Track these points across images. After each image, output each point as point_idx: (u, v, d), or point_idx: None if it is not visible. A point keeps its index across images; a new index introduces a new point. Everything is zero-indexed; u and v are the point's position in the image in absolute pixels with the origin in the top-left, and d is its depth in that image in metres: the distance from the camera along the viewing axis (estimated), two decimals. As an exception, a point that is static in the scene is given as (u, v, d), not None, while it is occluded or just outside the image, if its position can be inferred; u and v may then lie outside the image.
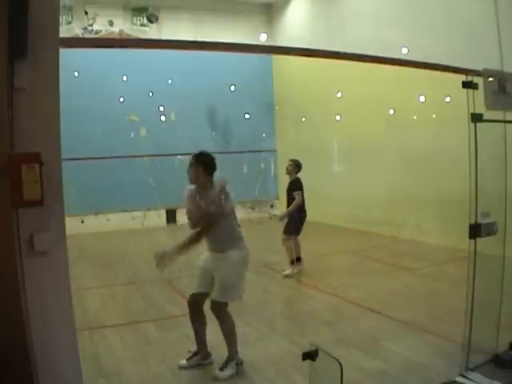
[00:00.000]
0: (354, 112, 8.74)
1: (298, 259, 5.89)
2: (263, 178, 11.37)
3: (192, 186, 3.48)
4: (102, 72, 9.84)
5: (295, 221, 5.78)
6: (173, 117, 10.84)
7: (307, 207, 5.95)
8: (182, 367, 3.41)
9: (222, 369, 3.29)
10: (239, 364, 3.35)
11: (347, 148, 9.33)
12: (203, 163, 3.37)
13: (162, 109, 10.56)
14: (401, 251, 7.15)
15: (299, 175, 5.93)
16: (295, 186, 5.83)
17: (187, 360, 3.44)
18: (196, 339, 3.45)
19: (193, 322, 3.44)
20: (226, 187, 3.31)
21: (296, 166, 5.90)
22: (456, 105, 3.54)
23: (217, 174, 3.43)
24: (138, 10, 11.21)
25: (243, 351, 3.67)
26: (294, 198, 5.76)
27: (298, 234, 5.87)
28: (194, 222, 3.40)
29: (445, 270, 5.74)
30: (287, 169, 5.93)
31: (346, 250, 7.39)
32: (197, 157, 3.42)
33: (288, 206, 5.86)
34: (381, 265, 6.44)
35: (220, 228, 3.29)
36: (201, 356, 3.48)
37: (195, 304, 3.40)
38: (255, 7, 12.09)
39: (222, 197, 3.27)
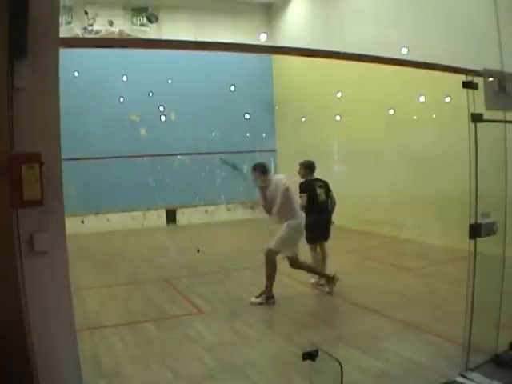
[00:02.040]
0: (353, 112, 8.74)
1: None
2: (263, 178, 11.36)
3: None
4: (102, 72, 9.84)
5: (308, 226, 5.14)
6: (173, 117, 10.85)
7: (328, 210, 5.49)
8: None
9: (256, 297, 4.80)
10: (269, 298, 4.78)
11: (347, 148, 9.34)
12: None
13: (161, 109, 10.58)
14: (401, 251, 7.15)
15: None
16: (300, 188, 5.40)
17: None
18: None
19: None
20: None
21: (303, 167, 5.60)
22: (456, 105, 3.54)
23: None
24: (138, 10, 11.22)
25: (243, 351, 3.68)
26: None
27: (314, 242, 5.39)
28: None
29: (445, 270, 5.74)
30: (298, 172, 5.63)
31: (346, 250, 7.39)
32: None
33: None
34: (381, 265, 6.44)
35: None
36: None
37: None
38: (255, 7, 12.10)
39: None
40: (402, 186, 7.78)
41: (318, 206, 5.33)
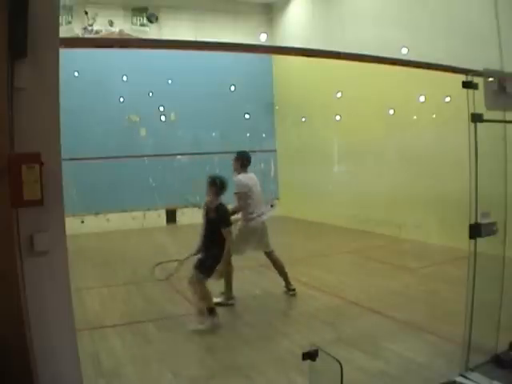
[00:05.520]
0: (353, 112, 8.74)
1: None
2: (263, 177, 11.38)
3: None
4: (102, 72, 9.84)
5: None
6: (173, 117, 10.85)
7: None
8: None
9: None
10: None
11: (347, 148, 9.34)
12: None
13: (161, 109, 10.58)
14: (401, 251, 7.15)
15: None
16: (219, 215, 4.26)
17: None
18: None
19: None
20: None
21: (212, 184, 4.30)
22: (456, 105, 3.54)
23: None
24: (138, 10, 11.22)
25: (243, 351, 3.68)
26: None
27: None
28: None
29: (445, 270, 5.74)
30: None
31: (346, 250, 7.39)
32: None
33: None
34: (381, 265, 6.44)
35: None
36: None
37: None
38: (255, 7, 12.09)
39: None
40: (402, 185, 7.78)
41: None
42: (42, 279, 1.80)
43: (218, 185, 4.25)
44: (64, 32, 9.35)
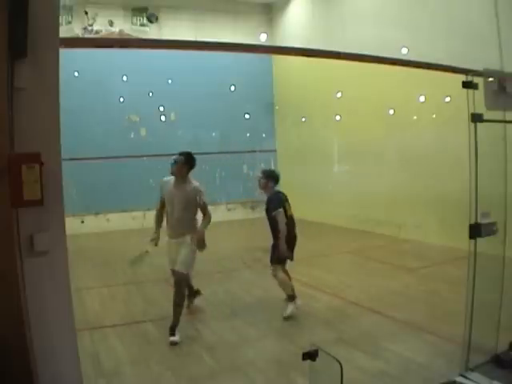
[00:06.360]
0: (354, 112, 8.74)
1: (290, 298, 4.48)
2: (263, 177, 11.37)
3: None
4: (102, 72, 9.84)
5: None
6: (173, 117, 10.85)
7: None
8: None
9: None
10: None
11: (347, 148, 9.34)
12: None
13: (161, 109, 10.58)
14: (401, 251, 7.16)
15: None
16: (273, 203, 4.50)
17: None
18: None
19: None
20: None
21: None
22: (456, 105, 3.54)
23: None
24: (138, 10, 11.22)
25: (243, 351, 3.68)
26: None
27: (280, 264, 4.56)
28: None
29: (445, 270, 5.74)
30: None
31: (346, 250, 7.39)
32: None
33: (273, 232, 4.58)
34: (381, 265, 6.44)
35: None
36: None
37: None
38: (255, 7, 12.09)
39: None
40: (402, 185, 7.78)
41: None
42: (42, 279, 1.80)
43: (274, 178, 4.58)
44: (64, 32, 9.35)
